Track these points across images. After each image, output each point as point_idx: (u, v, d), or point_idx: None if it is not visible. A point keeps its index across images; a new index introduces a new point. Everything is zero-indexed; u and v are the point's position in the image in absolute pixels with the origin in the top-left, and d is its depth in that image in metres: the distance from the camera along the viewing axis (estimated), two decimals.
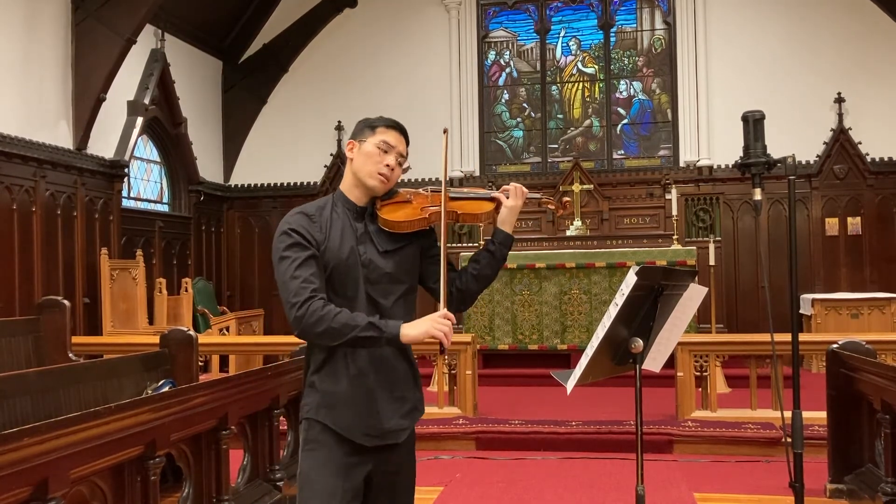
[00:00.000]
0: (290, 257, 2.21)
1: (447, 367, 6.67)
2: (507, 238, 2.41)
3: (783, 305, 8.90)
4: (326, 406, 2.29)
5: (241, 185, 11.76)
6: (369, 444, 2.29)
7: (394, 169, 2.33)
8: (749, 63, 10.55)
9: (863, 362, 4.49)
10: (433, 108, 11.05)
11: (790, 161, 3.29)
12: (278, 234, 2.26)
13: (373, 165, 2.31)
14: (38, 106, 7.96)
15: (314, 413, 2.31)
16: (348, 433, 2.28)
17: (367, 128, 2.36)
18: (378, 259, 2.31)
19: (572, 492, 4.94)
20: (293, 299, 2.16)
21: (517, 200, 2.41)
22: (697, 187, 10.55)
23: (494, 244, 2.41)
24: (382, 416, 2.30)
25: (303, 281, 2.18)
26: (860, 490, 4.49)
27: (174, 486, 4.15)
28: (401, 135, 2.37)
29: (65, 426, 2.65)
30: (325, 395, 2.30)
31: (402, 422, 2.34)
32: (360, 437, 2.28)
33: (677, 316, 2.66)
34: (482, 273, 2.41)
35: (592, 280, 8.55)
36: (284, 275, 2.20)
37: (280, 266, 2.22)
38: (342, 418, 2.28)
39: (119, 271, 8.64)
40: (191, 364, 4.84)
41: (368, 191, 2.35)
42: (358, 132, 2.37)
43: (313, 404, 2.31)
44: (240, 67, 11.68)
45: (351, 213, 2.34)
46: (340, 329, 2.14)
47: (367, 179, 2.32)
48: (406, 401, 2.35)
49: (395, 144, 2.34)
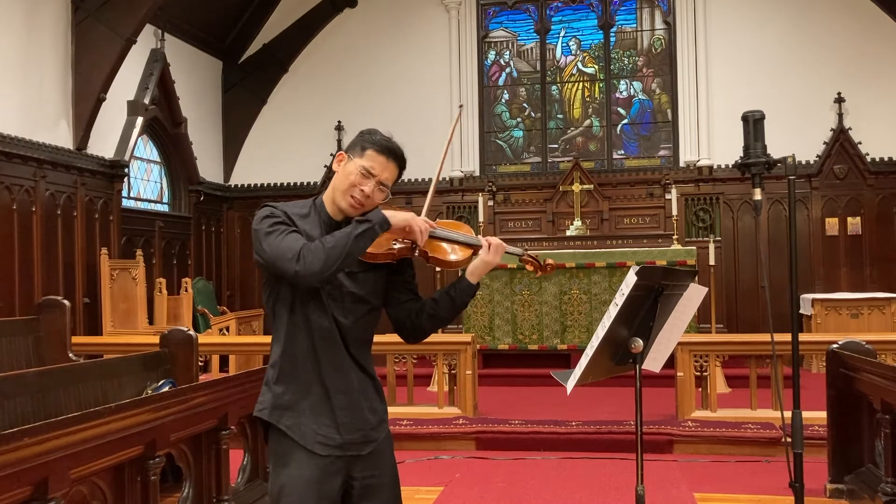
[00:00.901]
0: (276, 230, 2.17)
1: (447, 367, 6.67)
2: (470, 288, 2.34)
3: (783, 305, 8.90)
4: (280, 408, 2.24)
5: (241, 185, 11.76)
6: (323, 453, 2.21)
7: (369, 196, 2.25)
8: (749, 63, 10.55)
9: (863, 362, 4.49)
10: (433, 108, 11.06)
11: (790, 161, 3.29)
12: (260, 218, 2.22)
13: (348, 187, 2.25)
14: (38, 106, 7.96)
15: (267, 414, 2.25)
16: (303, 440, 2.21)
17: (360, 146, 2.28)
18: (343, 278, 2.25)
19: (572, 492, 4.94)
20: (289, 254, 2.11)
21: (494, 257, 2.32)
22: (697, 187, 10.55)
23: (457, 290, 2.33)
24: (341, 426, 2.23)
25: (294, 239, 2.15)
26: (860, 490, 4.49)
27: (174, 486, 4.15)
28: (391, 161, 2.27)
29: (65, 426, 2.65)
30: (279, 396, 2.25)
31: (369, 433, 2.28)
32: (314, 446, 2.21)
33: (677, 316, 2.66)
34: (439, 315, 2.35)
35: (592, 280, 8.55)
36: (274, 243, 2.14)
37: (268, 239, 2.16)
38: (295, 424, 2.22)
39: (119, 271, 8.64)
40: (191, 364, 4.84)
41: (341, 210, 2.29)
42: (353, 145, 2.30)
43: (267, 403, 2.27)
44: (240, 67, 11.68)
45: (325, 226, 2.28)
46: (337, 243, 2.11)
47: (339, 200, 2.27)
48: (372, 412, 2.29)
49: (379, 173, 2.25)
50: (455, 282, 2.36)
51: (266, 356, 6.84)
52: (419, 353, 6.88)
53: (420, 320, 2.35)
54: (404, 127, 11.17)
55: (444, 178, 11.01)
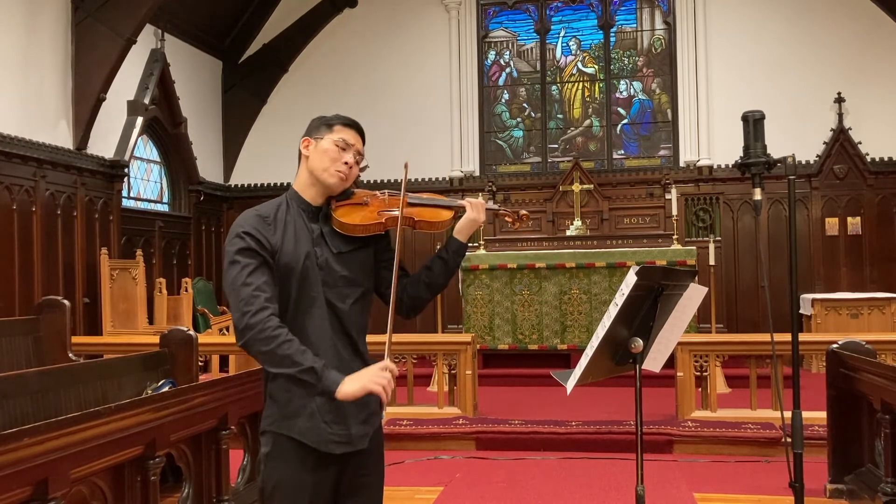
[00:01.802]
0: (240, 262, 2.13)
1: (447, 367, 6.67)
2: (461, 247, 2.36)
3: (783, 305, 8.91)
4: (288, 417, 2.22)
5: (241, 185, 11.76)
6: (337, 451, 2.21)
7: (352, 167, 2.29)
8: (749, 63, 10.55)
9: (863, 362, 4.49)
10: (433, 108, 11.06)
11: (790, 161, 3.29)
12: (231, 237, 2.18)
13: (330, 163, 2.26)
14: (38, 106, 7.97)
15: (277, 426, 2.24)
16: (314, 443, 2.20)
17: (324, 125, 2.31)
18: (333, 261, 2.25)
19: (572, 492, 4.94)
20: (245, 307, 2.09)
21: (478, 214, 2.35)
22: (697, 187, 10.55)
23: (448, 252, 2.36)
24: (348, 422, 2.23)
25: (255, 289, 2.11)
26: (860, 490, 4.49)
27: (174, 486, 4.16)
28: (358, 133, 2.33)
29: (65, 426, 2.65)
30: (284, 406, 2.22)
31: (362, 427, 2.27)
32: (327, 446, 2.20)
33: (677, 316, 2.66)
34: (434, 281, 2.37)
35: (592, 280, 8.55)
36: (236, 280, 2.12)
37: (231, 270, 2.14)
38: (305, 429, 2.20)
39: (119, 271, 8.65)
40: (191, 364, 4.83)
41: (325, 189, 2.29)
42: (314, 129, 2.32)
43: (274, 416, 2.25)
44: (240, 67, 11.68)
45: (306, 214, 2.28)
46: (282, 360, 2.09)
47: (325, 177, 2.27)
48: (366, 405, 2.26)
49: (354, 142, 2.30)
50: (444, 244, 2.39)
51: None
52: (419, 353, 6.88)
53: (417, 291, 2.37)
54: (404, 127, 11.20)
55: (444, 177, 11.01)
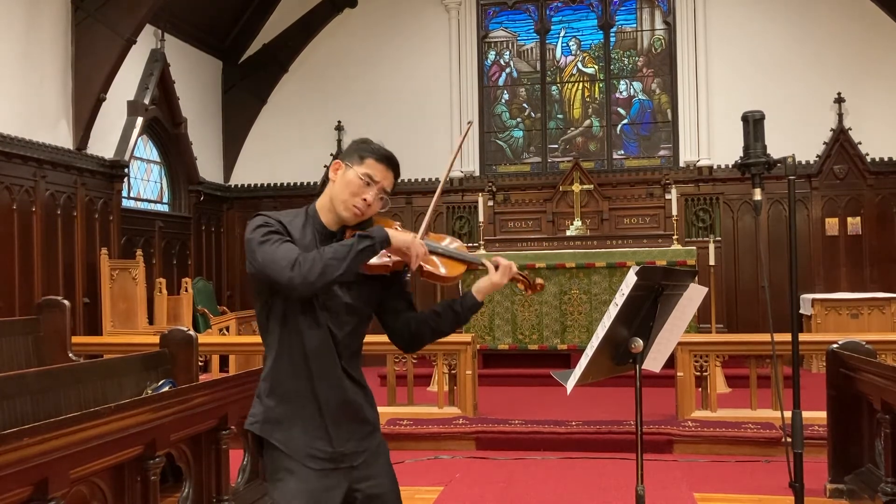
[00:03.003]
0: (270, 239, 2.13)
1: (447, 367, 6.67)
2: (476, 306, 2.34)
3: (783, 305, 8.90)
4: (271, 422, 2.21)
5: (241, 185, 11.76)
6: (317, 467, 2.18)
7: (371, 204, 2.23)
8: (749, 63, 10.55)
9: (863, 362, 4.49)
10: (433, 108, 11.06)
11: (790, 161, 3.29)
12: (253, 228, 2.17)
13: (349, 196, 2.22)
14: (38, 106, 7.96)
15: (259, 428, 2.22)
16: (295, 455, 2.18)
17: (357, 154, 2.25)
18: (339, 289, 2.22)
19: (572, 492, 4.94)
20: (284, 262, 2.07)
21: (503, 279, 2.33)
22: (697, 187, 10.55)
23: (463, 308, 2.33)
24: (333, 438, 2.21)
25: (288, 249, 2.11)
26: (860, 490, 4.49)
27: (174, 486, 4.16)
28: (389, 170, 2.26)
29: (65, 426, 2.65)
30: (270, 409, 2.21)
31: (360, 444, 2.26)
32: (307, 460, 2.18)
33: (677, 316, 2.66)
34: (439, 329, 2.36)
35: (592, 280, 8.55)
36: (268, 251, 2.10)
37: (262, 248, 2.11)
38: (287, 438, 2.19)
39: (119, 271, 8.64)
40: (191, 364, 4.83)
41: (340, 219, 2.26)
42: (348, 154, 2.28)
43: (259, 417, 2.23)
44: (240, 67, 11.68)
45: (319, 236, 2.25)
46: (335, 255, 2.08)
47: (341, 209, 2.24)
48: (363, 423, 2.27)
49: (380, 180, 2.24)
50: (461, 298, 2.35)
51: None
52: (419, 353, 6.87)
53: (421, 331, 2.36)
54: (404, 127, 11.20)
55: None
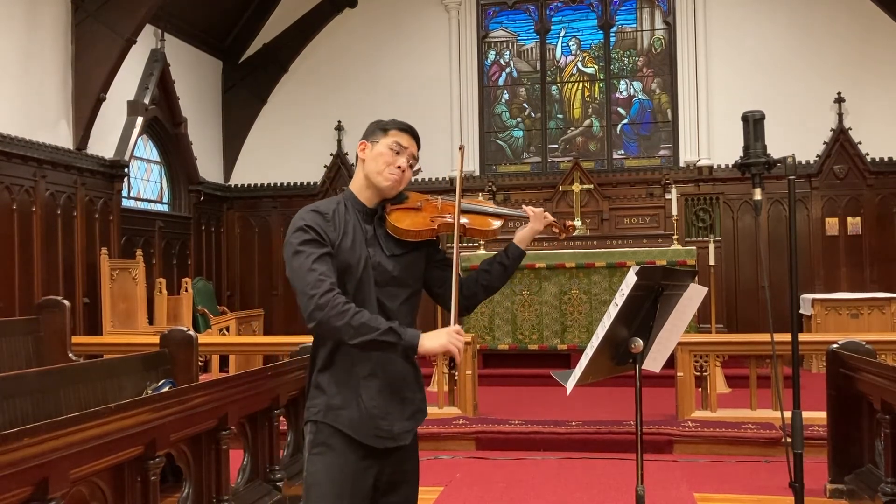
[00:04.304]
0: (305, 251, 2.20)
1: (447, 367, 6.67)
2: (521, 255, 2.49)
3: (783, 305, 8.91)
4: (334, 408, 2.28)
5: (241, 185, 11.76)
6: (380, 445, 2.29)
7: (405, 171, 2.35)
8: (749, 63, 10.55)
9: (863, 362, 4.49)
10: (433, 108, 11.05)
11: (790, 161, 3.28)
12: (293, 230, 2.24)
13: (384, 166, 2.33)
14: (38, 106, 7.96)
15: (322, 416, 2.29)
16: (360, 436, 2.27)
17: (380, 129, 2.37)
18: (386, 262, 2.32)
19: (572, 492, 4.94)
20: (312, 290, 2.14)
21: (540, 224, 2.49)
22: (697, 187, 10.55)
23: (509, 258, 2.47)
24: (392, 418, 2.31)
25: (320, 274, 2.17)
26: (860, 490, 4.49)
27: (174, 486, 4.16)
28: (412, 138, 2.39)
29: (65, 426, 2.65)
30: (332, 397, 2.29)
31: (407, 423, 2.35)
32: (372, 440, 2.28)
33: (677, 316, 2.65)
34: (491, 285, 2.48)
35: (592, 280, 8.55)
36: (301, 268, 2.18)
37: (295, 259, 2.20)
38: (352, 421, 2.27)
39: (119, 271, 8.64)
40: (191, 364, 4.84)
41: (379, 192, 2.36)
42: (370, 133, 2.39)
43: (321, 406, 2.30)
44: (240, 67, 11.68)
45: (361, 215, 2.35)
46: (359, 328, 2.13)
47: (379, 180, 2.33)
48: (411, 402, 2.37)
49: (408, 146, 2.36)
50: (505, 250, 2.49)
51: (266, 357, 6.84)
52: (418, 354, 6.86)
53: (473, 290, 2.47)
54: None
55: (445, 177, 11.01)
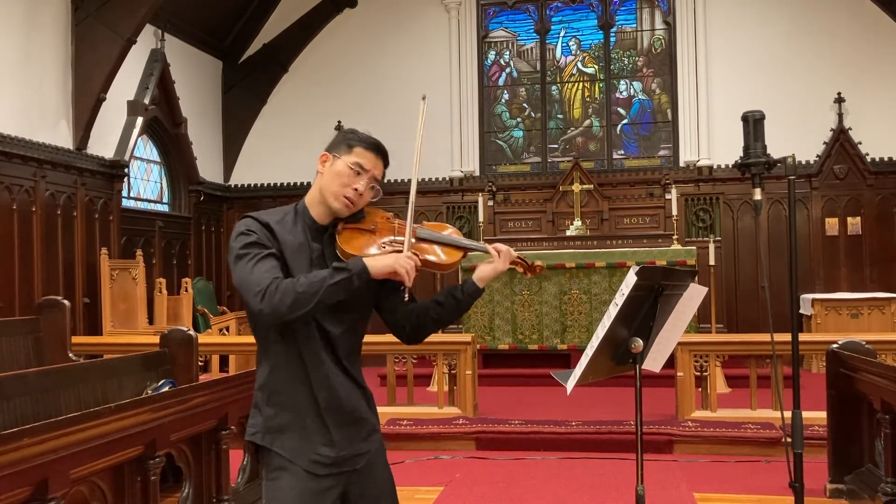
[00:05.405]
0: (248, 254, 2.08)
1: (447, 367, 6.67)
2: (477, 293, 2.27)
3: (783, 305, 8.91)
4: (272, 431, 2.16)
5: (241, 185, 11.76)
6: (321, 472, 2.15)
7: (362, 194, 2.18)
8: (749, 63, 10.55)
9: (863, 362, 4.49)
10: (433, 108, 11.02)
11: (790, 161, 3.29)
12: (235, 235, 2.13)
13: (339, 187, 2.16)
14: (38, 106, 7.96)
15: (261, 438, 2.17)
16: (299, 462, 2.14)
17: (345, 144, 2.21)
18: None
19: (572, 492, 4.94)
20: (256, 288, 2.01)
21: (503, 264, 2.26)
22: (697, 187, 10.55)
23: (464, 294, 2.26)
24: (336, 442, 2.16)
25: (265, 271, 2.04)
26: (860, 490, 4.49)
27: (174, 486, 4.16)
28: (379, 158, 2.21)
29: (65, 426, 2.65)
30: (270, 418, 2.17)
31: (361, 446, 2.21)
32: (309, 465, 2.14)
33: (677, 316, 2.65)
34: (442, 318, 2.29)
35: (592, 280, 8.55)
36: (243, 271, 2.06)
37: (238, 264, 2.08)
38: (292, 446, 2.14)
39: (119, 271, 8.64)
40: (191, 364, 4.84)
41: (331, 212, 2.20)
42: (335, 145, 2.23)
43: (259, 427, 2.18)
44: (240, 67, 11.68)
45: (310, 231, 2.19)
46: (308, 289, 2.01)
47: (332, 200, 2.17)
48: (364, 424, 2.23)
49: (370, 168, 2.19)
50: (461, 284, 2.29)
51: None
52: (419, 353, 6.87)
53: (422, 321, 2.28)
54: (403, 127, 11.14)
55: (444, 177, 11.01)
